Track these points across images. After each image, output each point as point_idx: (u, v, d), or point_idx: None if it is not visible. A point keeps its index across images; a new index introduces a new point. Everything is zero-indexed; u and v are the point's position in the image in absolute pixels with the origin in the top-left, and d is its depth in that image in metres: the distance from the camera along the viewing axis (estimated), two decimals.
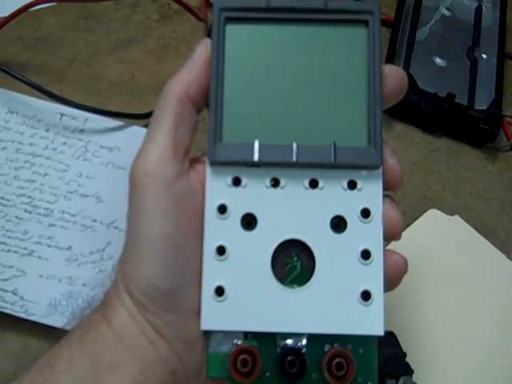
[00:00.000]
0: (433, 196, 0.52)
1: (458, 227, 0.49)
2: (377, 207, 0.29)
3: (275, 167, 0.29)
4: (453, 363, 0.43)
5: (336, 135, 0.28)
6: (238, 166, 0.29)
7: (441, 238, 0.49)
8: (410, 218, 0.49)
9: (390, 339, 0.41)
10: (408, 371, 0.40)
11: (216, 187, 0.29)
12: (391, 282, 0.29)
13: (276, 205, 0.29)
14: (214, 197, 0.29)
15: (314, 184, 0.29)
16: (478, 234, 0.49)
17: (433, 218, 0.50)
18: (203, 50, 0.29)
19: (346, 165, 0.28)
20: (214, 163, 0.29)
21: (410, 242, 0.43)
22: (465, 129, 0.54)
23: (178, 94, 0.29)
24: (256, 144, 0.28)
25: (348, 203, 0.29)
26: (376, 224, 0.29)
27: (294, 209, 0.29)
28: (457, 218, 0.50)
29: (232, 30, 0.29)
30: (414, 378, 0.40)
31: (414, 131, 0.55)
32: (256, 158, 0.28)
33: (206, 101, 0.29)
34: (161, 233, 0.28)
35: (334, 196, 0.29)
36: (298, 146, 0.28)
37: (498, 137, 0.54)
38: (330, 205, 0.29)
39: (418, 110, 0.53)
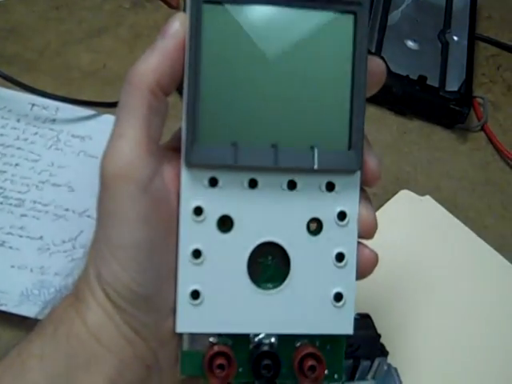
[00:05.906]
0: (405, 178, 0.52)
1: (429, 207, 0.50)
2: (353, 210, 0.28)
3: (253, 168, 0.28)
4: (427, 344, 0.44)
5: (316, 137, 0.27)
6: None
7: (413, 218, 0.49)
8: (381, 200, 0.49)
9: (365, 321, 0.41)
10: (383, 352, 0.40)
11: (192, 189, 0.27)
12: (362, 273, 0.29)
13: (253, 206, 0.28)
14: (190, 199, 0.27)
15: (291, 186, 0.28)
16: (449, 214, 0.49)
17: (404, 199, 0.50)
18: (177, 29, 0.27)
19: (325, 169, 0.28)
20: (190, 165, 0.27)
21: (382, 223, 0.43)
22: (436, 110, 0.54)
23: (149, 84, 0.26)
24: (234, 146, 0.27)
25: (325, 206, 0.28)
26: (351, 227, 0.28)
27: (271, 211, 0.28)
28: (428, 198, 0.50)
29: (210, 12, 0.26)
30: (389, 359, 0.40)
31: (386, 114, 0.55)
32: (234, 161, 0.27)
33: (177, 84, 0.27)
34: (137, 239, 0.26)
35: (311, 198, 0.28)
36: (276, 149, 0.27)
37: (469, 117, 0.54)
38: (307, 207, 0.28)
39: (390, 93, 0.53)
